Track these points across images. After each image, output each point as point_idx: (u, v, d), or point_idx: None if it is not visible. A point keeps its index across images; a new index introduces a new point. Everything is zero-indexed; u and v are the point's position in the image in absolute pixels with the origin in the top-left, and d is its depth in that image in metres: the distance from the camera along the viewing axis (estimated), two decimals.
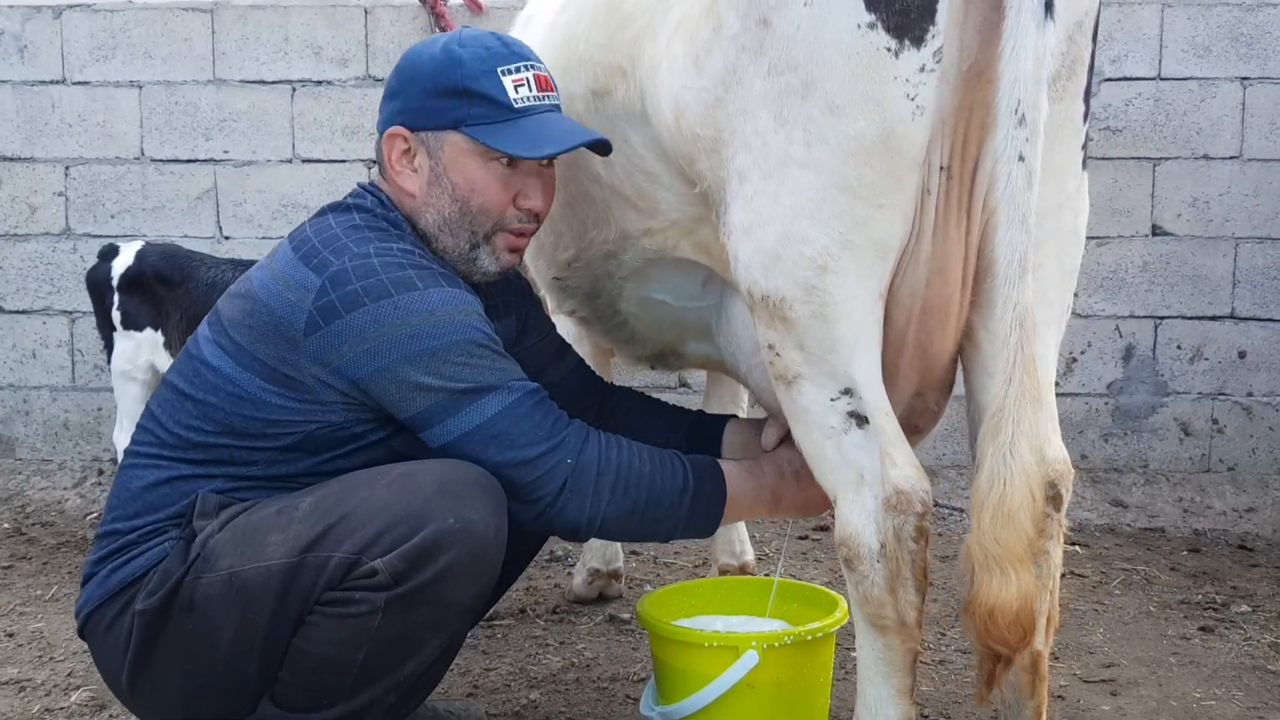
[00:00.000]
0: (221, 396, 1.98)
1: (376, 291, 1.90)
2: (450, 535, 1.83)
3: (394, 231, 2.04)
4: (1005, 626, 1.64)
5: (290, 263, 1.98)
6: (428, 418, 1.93)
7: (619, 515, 1.98)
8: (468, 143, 2.04)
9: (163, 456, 2.01)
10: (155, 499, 1.99)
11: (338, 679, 1.88)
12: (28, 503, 4.49)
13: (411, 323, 1.89)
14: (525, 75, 2.06)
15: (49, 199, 4.73)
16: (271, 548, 1.86)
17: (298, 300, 1.92)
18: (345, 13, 4.62)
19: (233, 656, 1.90)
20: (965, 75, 1.68)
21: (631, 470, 1.98)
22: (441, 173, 2.06)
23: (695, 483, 2.04)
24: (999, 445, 1.66)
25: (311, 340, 1.91)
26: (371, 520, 1.83)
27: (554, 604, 3.34)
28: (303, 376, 1.93)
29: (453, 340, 1.91)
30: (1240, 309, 4.47)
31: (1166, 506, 4.34)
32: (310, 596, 1.85)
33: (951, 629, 3.11)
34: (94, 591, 1.99)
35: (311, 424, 1.96)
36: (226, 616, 1.88)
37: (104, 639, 1.99)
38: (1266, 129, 4.41)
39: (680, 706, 2.13)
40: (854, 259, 1.74)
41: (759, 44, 1.75)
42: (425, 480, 1.88)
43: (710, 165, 1.89)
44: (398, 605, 1.83)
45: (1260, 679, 2.78)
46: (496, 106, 2.03)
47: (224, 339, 2.00)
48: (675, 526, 2.05)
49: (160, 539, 1.96)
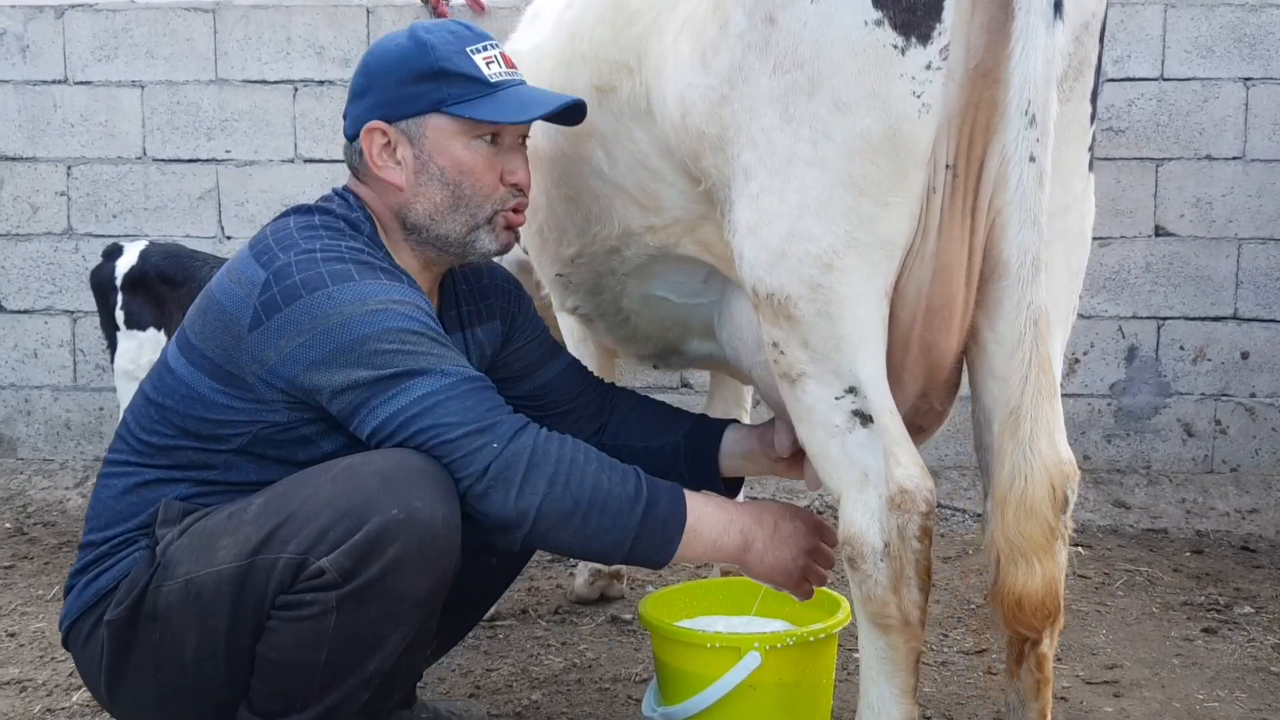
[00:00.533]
0: (177, 399, 1.96)
1: (314, 283, 1.87)
2: (395, 527, 1.79)
3: (348, 231, 2.01)
4: (1031, 612, 1.71)
5: (243, 259, 1.97)
6: (357, 405, 1.87)
7: (557, 513, 1.84)
8: (451, 123, 2.03)
9: (130, 463, 2.01)
10: (124, 508, 1.98)
11: (304, 681, 1.85)
12: (29, 502, 4.50)
13: (344, 312, 1.85)
14: (493, 53, 2.06)
15: (51, 199, 4.73)
16: (222, 552, 1.84)
17: (245, 295, 1.90)
18: (347, 12, 4.62)
19: (199, 663, 1.88)
20: (972, 74, 1.68)
21: (574, 464, 1.87)
22: (427, 159, 2.04)
23: (650, 495, 1.89)
24: (1019, 442, 1.69)
25: (254, 336, 1.88)
26: (315, 518, 1.80)
27: (556, 604, 3.34)
28: (244, 374, 1.91)
29: (385, 326, 1.86)
30: (1243, 310, 4.47)
31: (1169, 507, 4.33)
32: (264, 599, 1.82)
33: (954, 630, 3.10)
34: (73, 604, 1.99)
35: (257, 424, 1.93)
36: (188, 623, 1.86)
37: (83, 650, 1.99)
38: (1269, 129, 4.41)
39: (682, 707, 2.13)
40: (859, 257, 1.74)
41: (765, 41, 1.74)
42: (367, 472, 1.83)
43: (716, 163, 1.89)
44: (350, 603, 1.80)
45: (1263, 680, 2.77)
46: (474, 83, 2.02)
47: (181, 339, 2.00)
48: (624, 539, 1.87)
49: (131, 549, 1.95)
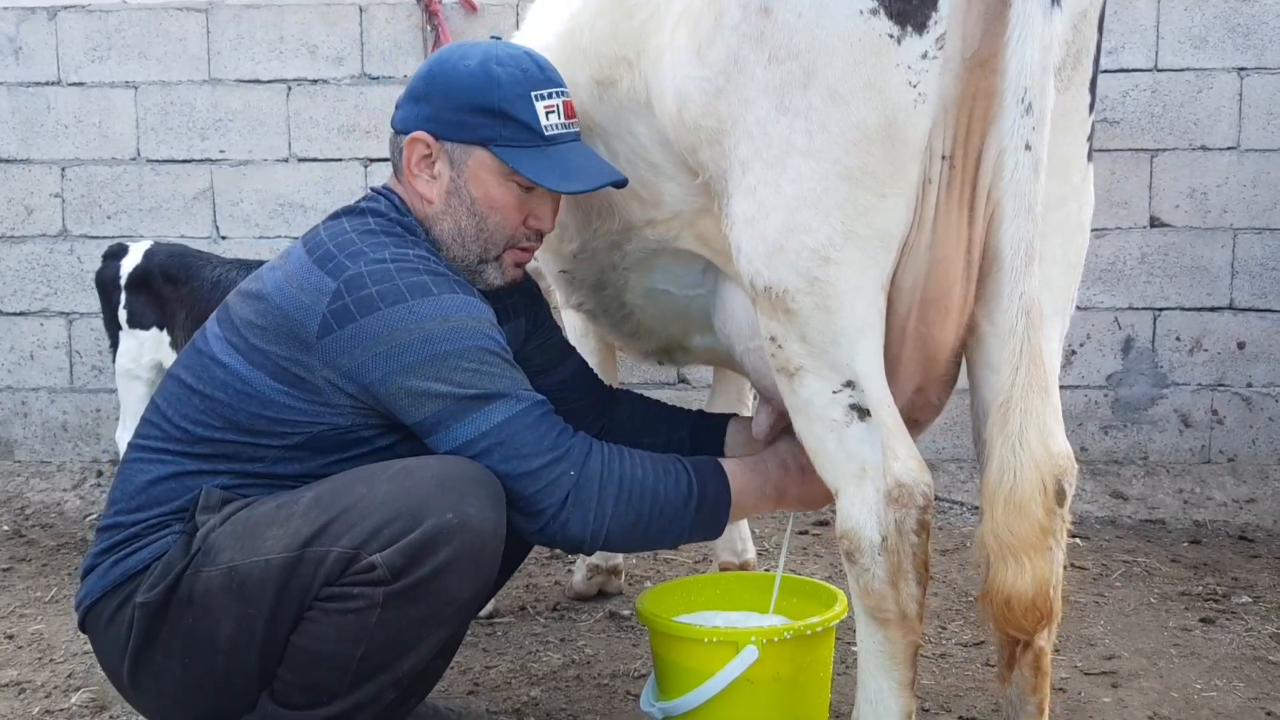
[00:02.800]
0: (230, 393, 1.98)
1: (392, 296, 1.91)
2: (449, 530, 1.83)
3: (409, 238, 2.06)
4: (1021, 613, 1.67)
5: (305, 266, 1.98)
6: (435, 423, 1.93)
7: (623, 528, 1.97)
8: (494, 161, 2.07)
9: (167, 450, 2.01)
10: (159, 493, 1.99)
11: (336, 675, 1.87)
12: (27, 505, 4.49)
13: (425, 327, 1.90)
14: (556, 102, 2.09)
15: (45, 200, 4.72)
16: (271, 542, 1.86)
17: (312, 303, 1.93)
18: (340, 11, 4.61)
19: (232, 651, 1.90)
20: (968, 63, 1.67)
21: (635, 481, 1.98)
22: (462, 185, 2.09)
23: (699, 489, 2.03)
24: (1008, 436, 1.66)
25: (324, 343, 1.91)
26: (370, 515, 1.83)
27: (554, 601, 3.34)
28: (313, 378, 1.93)
29: (464, 345, 1.92)
30: (1239, 300, 4.47)
31: (1167, 498, 4.33)
32: (309, 592, 1.85)
33: (952, 623, 3.11)
34: (95, 584, 1.99)
35: (319, 425, 1.96)
36: (226, 611, 1.88)
37: (105, 632, 1.99)
38: (1264, 119, 4.41)
39: (680, 702, 2.13)
40: (856, 249, 1.74)
41: (760, 32, 1.74)
42: (424, 475, 1.87)
43: (713, 155, 1.89)
44: (396, 600, 1.83)
45: (1261, 669, 2.78)
46: (528, 132, 2.05)
47: (235, 337, 2.01)
48: (680, 535, 2.05)
49: (163, 533, 1.97)
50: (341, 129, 4.65)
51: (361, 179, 4.63)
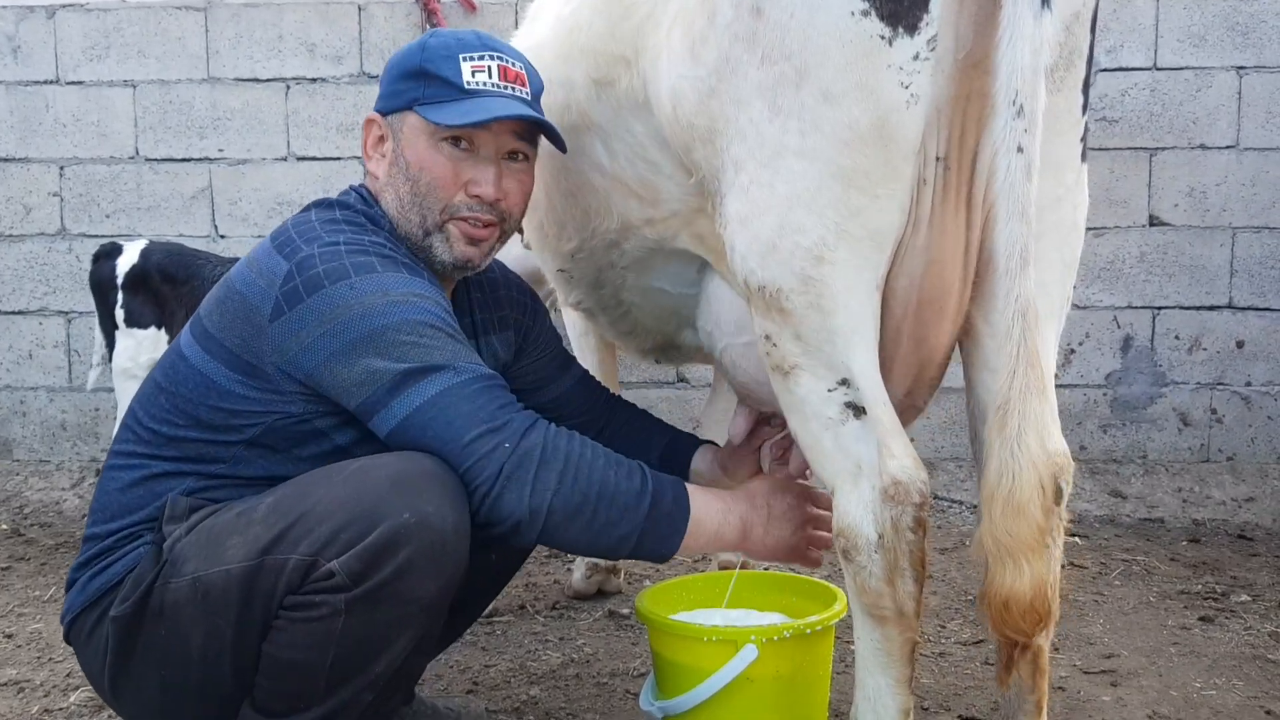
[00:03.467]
0: (190, 387, 1.97)
1: (336, 274, 1.88)
2: (406, 531, 1.78)
3: (369, 226, 2.04)
4: (1020, 615, 1.66)
5: (265, 251, 1.98)
6: (374, 402, 1.87)
7: (566, 509, 1.84)
8: (420, 122, 2.04)
9: (137, 454, 2.01)
10: (130, 500, 1.98)
11: (309, 682, 1.85)
12: (25, 504, 4.49)
13: (365, 302, 1.87)
14: (488, 64, 2.05)
15: (44, 199, 4.72)
16: (231, 551, 1.83)
17: (266, 286, 1.91)
18: (339, 9, 4.61)
19: (205, 661, 1.88)
20: (961, 64, 1.67)
21: (582, 460, 1.87)
22: (400, 152, 2.07)
23: (655, 488, 1.91)
24: (1006, 438, 1.65)
25: (275, 326, 1.89)
26: (326, 520, 1.80)
27: (553, 600, 3.34)
28: (263, 364, 1.91)
29: (402, 319, 1.87)
30: (1238, 299, 4.47)
31: (1165, 497, 4.33)
32: (273, 599, 1.82)
33: (951, 621, 3.11)
34: (75, 598, 1.98)
35: (271, 414, 1.93)
36: (194, 621, 1.86)
37: (86, 645, 1.98)
38: (1263, 118, 4.41)
39: (680, 701, 2.12)
40: (850, 249, 1.74)
41: (753, 32, 1.74)
42: (379, 475, 1.83)
43: (706, 155, 1.89)
44: (359, 606, 1.80)
45: (1260, 668, 2.78)
46: (447, 86, 2.03)
47: (197, 328, 2.01)
48: (631, 534, 1.88)
49: (135, 544, 1.95)
50: (340, 128, 4.65)
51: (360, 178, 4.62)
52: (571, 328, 3.17)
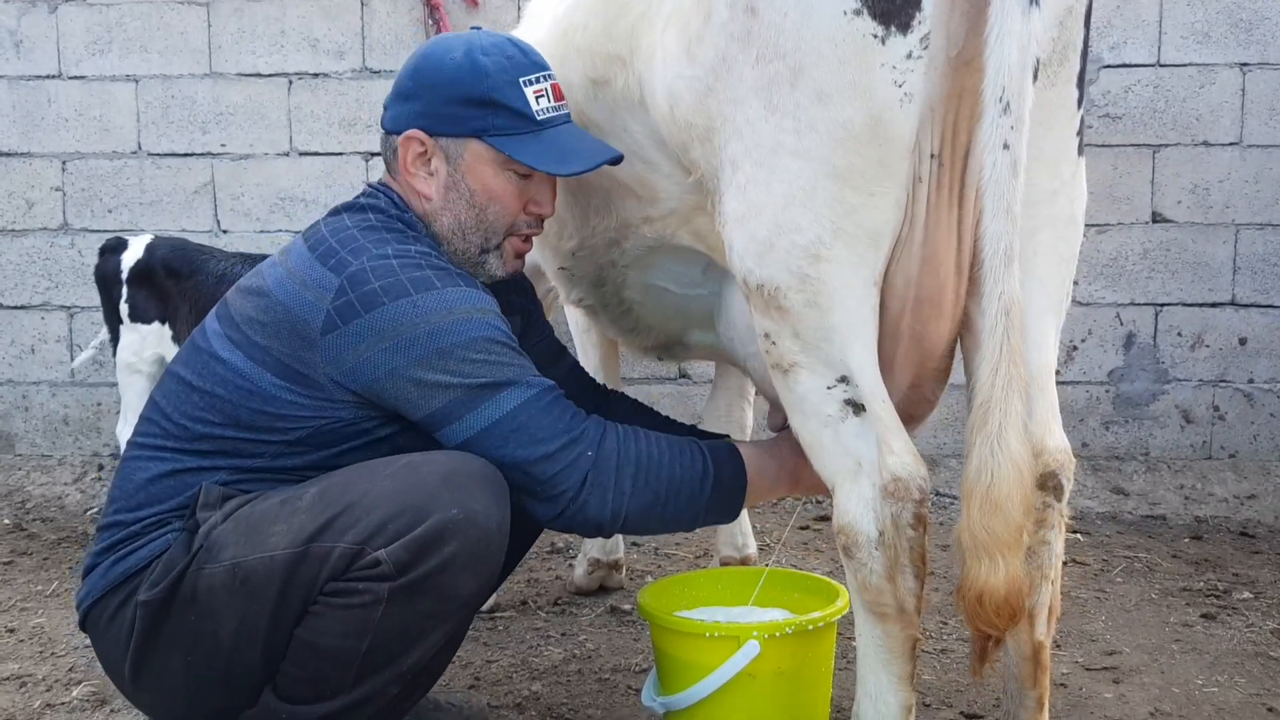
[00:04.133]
0: (230, 389, 1.98)
1: (395, 291, 1.91)
2: (454, 526, 1.83)
3: (410, 233, 2.06)
4: (993, 610, 1.67)
5: (307, 262, 1.98)
6: (445, 415, 1.93)
7: (641, 507, 1.97)
8: (489, 152, 2.07)
9: (166, 448, 2.02)
10: (159, 490, 1.99)
11: (340, 670, 1.87)
12: (28, 498, 4.49)
13: (431, 320, 1.90)
14: (544, 86, 2.09)
15: (46, 194, 4.72)
16: (275, 538, 1.86)
17: (315, 300, 1.93)
18: (342, 4, 4.60)
19: (235, 647, 1.90)
20: (954, 62, 1.67)
21: (651, 460, 1.98)
22: (460, 179, 2.09)
23: (715, 469, 2.03)
24: (986, 436, 1.66)
25: (328, 339, 1.91)
26: (375, 510, 1.83)
27: (555, 595, 3.34)
28: (316, 374, 1.93)
29: (471, 336, 1.92)
30: (1241, 296, 4.46)
31: (1168, 494, 4.33)
32: (313, 587, 1.85)
33: (953, 618, 3.10)
34: (96, 583, 1.99)
35: (320, 420, 1.96)
36: (229, 607, 1.88)
37: (106, 631, 1.99)
38: (1266, 115, 4.40)
39: (682, 697, 2.13)
40: (846, 247, 1.74)
41: (747, 32, 1.74)
42: (429, 471, 1.87)
43: (704, 154, 1.89)
44: (401, 596, 1.83)
45: (1263, 665, 2.77)
46: (520, 118, 2.05)
47: (235, 333, 2.01)
48: (697, 515, 2.05)
49: (164, 530, 1.97)
50: (343, 123, 4.64)
51: (363, 173, 4.63)
52: (574, 325, 3.17)
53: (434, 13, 4.46)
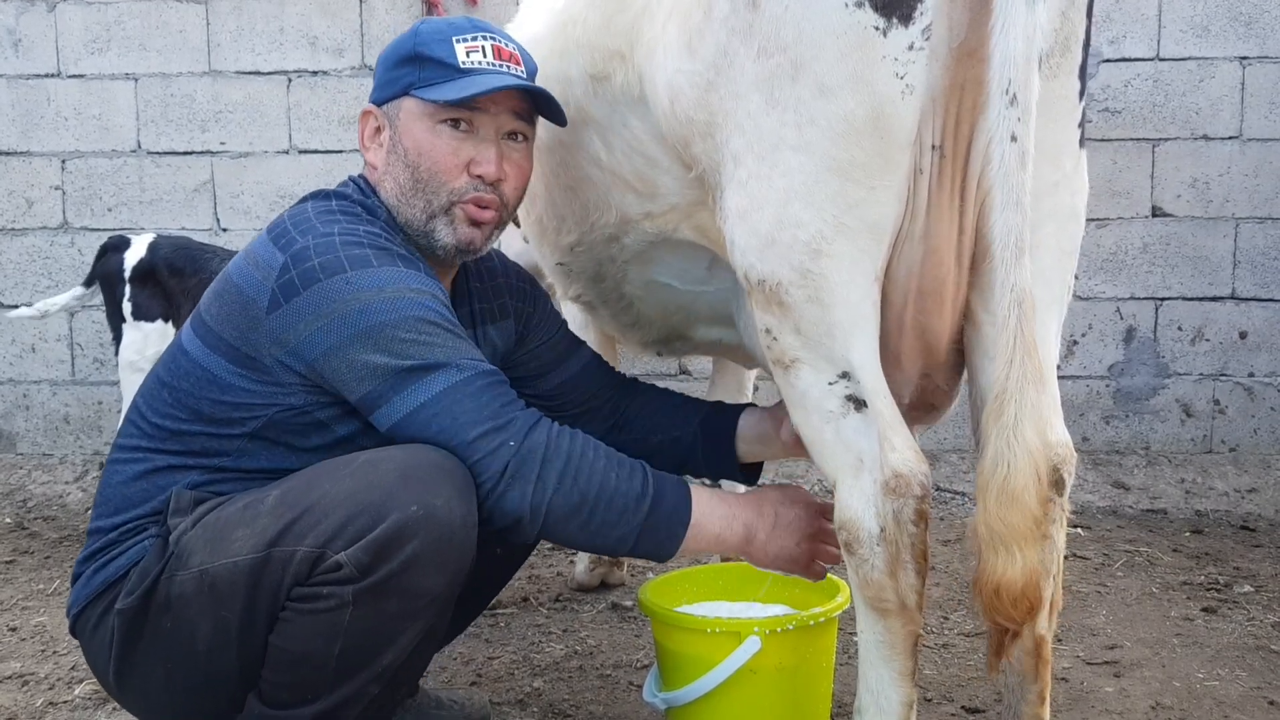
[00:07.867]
0: (191, 381, 1.97)
1: (332, 268, 1.87)
2: (414, 523, 1.78)
3: (365, 216, 2.02)
4: (1010, 603, 1.66)
5: (261, 242, 1.98)
6: (375, 397, 1.88)
7: (566, 507, 1.85)
8: (416, 105, 2.04)
9: (141, 448, 2.01)
10: (134, 494, 1.98)
11: (316, 674, 1.85)
12: (29, 497, 4.50)
13: (362, 298, 1.86)
14: (481, 44, 2.04)
15: (46, 193, 4.72)
16: (238, 544, 1.83)
17: (262, 279, 1.91)
18: (340, 2, 4.60)
19: (211, 653, 1.88)
20: (955, 53, 1.67)
21: (584, 460, 1.88)
22: (397, 140, 2.06)
23: (655, 490, 1.90)
24: (1002, 427, 1.65)
25: (272, 318, 1.89)
26: (334, 512, 1.80)
27: (556, 592, 3.34)
28: (262, 357, 1.91)
29: (401, 316, 1.86)
30: (1241, 289, 4.47)
31: (1168, 488, 4.33)
32: (280, 591, 1.82)
33: (955, 613, 3.11)
34: (80, 591, 1.98)
35: (273, 407, 1.93)
36: (201, 613, 1.86)
37: (91, 639, 1.99)
38: (1266, 108, 4.40)
39: (683, 692, 2.13)
40: (848, 242, 1.73)
41: (748, 26, 1.74)
42: (388, 468, 1.83)
43: (705, 149, 1.88)
44: (366, 597, 1.80)
45: (1264, 659, 2.78)
46: (443, 67, 2.02)
47: (197, 322, 2.00)
48: (629, 535, 1.88)
49: (140, 537, 1.95)
50: (342, 120, 4.64)
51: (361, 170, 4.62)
52: (571, 321, 3.15)
53: (432, 10, 4.46)
